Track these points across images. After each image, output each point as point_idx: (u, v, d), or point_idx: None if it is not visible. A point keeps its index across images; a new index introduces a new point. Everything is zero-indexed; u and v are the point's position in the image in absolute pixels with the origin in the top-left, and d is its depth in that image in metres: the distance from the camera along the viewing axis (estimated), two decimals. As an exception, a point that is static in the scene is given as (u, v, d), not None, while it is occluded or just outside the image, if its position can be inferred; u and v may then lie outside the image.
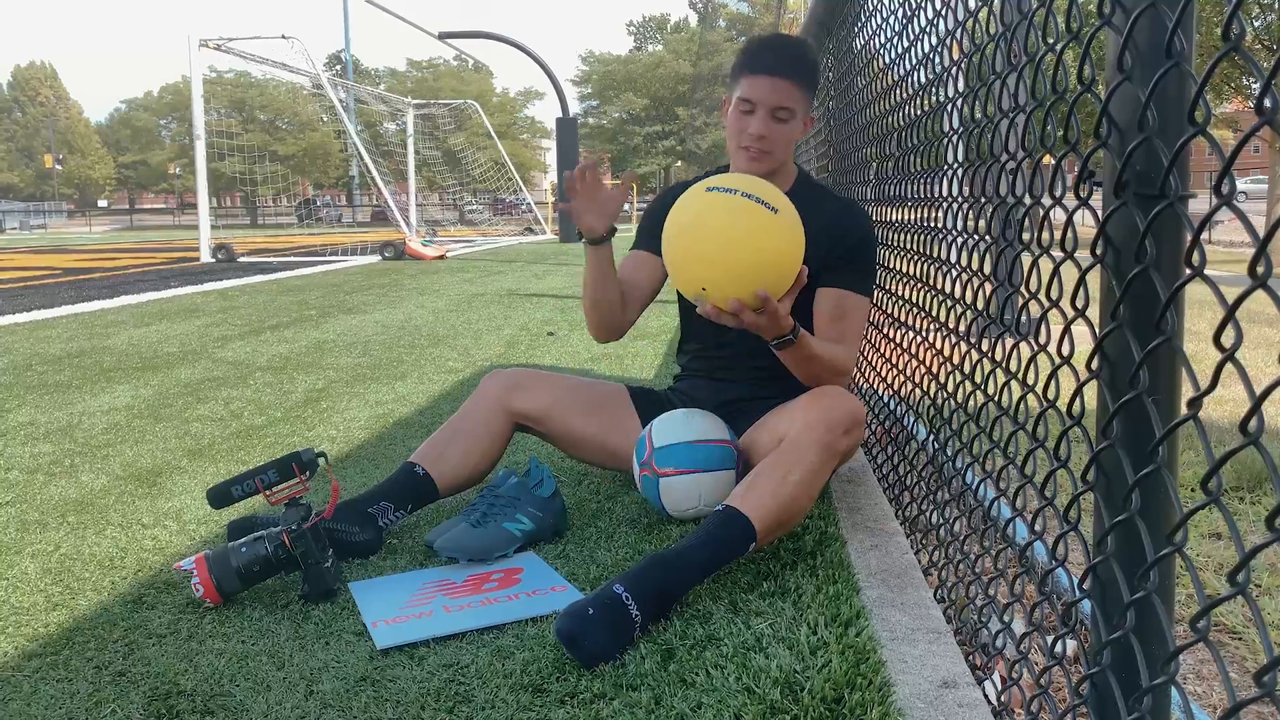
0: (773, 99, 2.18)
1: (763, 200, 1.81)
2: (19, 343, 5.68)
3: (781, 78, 2.18)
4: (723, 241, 1.81)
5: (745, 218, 1.80)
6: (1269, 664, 0.71)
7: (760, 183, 1.87)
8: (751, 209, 1.80)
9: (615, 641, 1.58)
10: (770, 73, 2.19)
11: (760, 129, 2.20)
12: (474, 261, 13.75)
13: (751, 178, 1.90)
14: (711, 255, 1.82)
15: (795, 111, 2.21)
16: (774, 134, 2.21)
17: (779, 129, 2.21)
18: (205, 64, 15.76)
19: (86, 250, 21.14)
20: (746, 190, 1.82)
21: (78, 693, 1.51)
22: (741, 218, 1.80)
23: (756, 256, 1.81)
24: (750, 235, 1.80)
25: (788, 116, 2.21)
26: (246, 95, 49.05)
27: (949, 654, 1.56)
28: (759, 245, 1.80)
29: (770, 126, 2.20)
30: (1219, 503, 0.80)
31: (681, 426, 2.22)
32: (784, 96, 2.18)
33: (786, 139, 2.24)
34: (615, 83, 54.86)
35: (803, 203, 2.32)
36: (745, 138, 2.22)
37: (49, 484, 2.72)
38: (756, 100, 2.19)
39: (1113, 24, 0.98)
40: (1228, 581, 0.76)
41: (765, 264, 1.81)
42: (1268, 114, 0.71)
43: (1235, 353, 0.76)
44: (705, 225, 1.83)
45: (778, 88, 2.18)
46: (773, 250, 1.82)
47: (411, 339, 5.62)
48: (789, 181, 2.36)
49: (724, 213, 1.81)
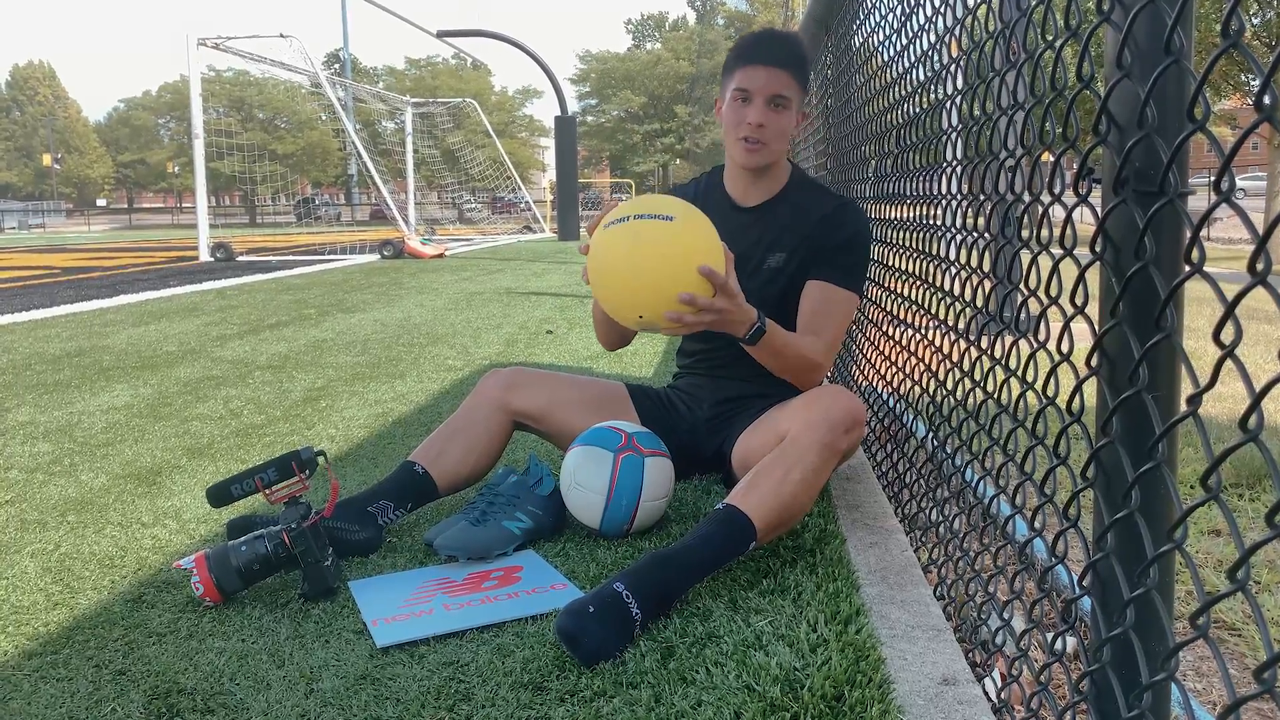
0: (769, 87, 2.20)
1: (654, 214, 1.86)
2: (18, 342, 5.68)
3: (777, 67, 2.20)
4: (630, 267, 1.87)
5: (643, 236, 1.86)
6: (1269, 660, 0.71)
7: (650, 200, 1.93)
8: (644, 226, 1.86)
9: (615, 639, 1.58)
10: (765, 62, 2.20)
11: (758, 117, 2.21)
12: (473, 260, 13.75)
13: (642, 199, 1.95)
14: (628, 283, 1.88)
15: (791, 101, 2.23)
16: (771, 122, 2.22)
17: (776, 118, 2.23)
18: (204, 63, 15.74)
19: (85, 249, 21.13)
20: (636, 213, 1.87)
21: (78, 691, 1.51)
22: (639, 238, 1.86)
23: (666, 265, 1.85)
24: (653, 249, 1.85)
25: (784, 105, 2.22)
26: (245, 94, 49.03)
27: (949, 651, 1.56)
28: (663, 254, 1.85)
29: (767, 115, 2.21)
30: (1219, 499, 0.80)
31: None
32: (780, 85, 2.20)
33: (782, 129, 2.25)
34: (614, 81, 54.84)
35: (798, 199, 2.33)
36: (744, 128, 2.23)
37: (48, 483, 2.71)
38: (753, 89, 2.21)
39: (1112, 21, 0.98)
40: (1227, 578, 0.76)
41: (678, 268, 1.85)
42: (1267, 110, 0.71)
43: (1235, 349, 0.76)
44: (611, 260, 1.89)
45: (774, 76, 2.20)
46: (680, 252, 1.86)
47: (410, 337, 5.62)
48: (784, 179, 2.36)
49: (622, 241, 1.87)
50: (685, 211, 1.89)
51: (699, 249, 1.87)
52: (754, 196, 2.36)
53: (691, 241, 1.87)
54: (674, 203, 1.91)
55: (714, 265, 1.86)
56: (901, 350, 2.37)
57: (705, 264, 1.84)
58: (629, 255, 1.86)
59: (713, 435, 2.41)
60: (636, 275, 1.86)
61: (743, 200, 2.37)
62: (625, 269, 1.87)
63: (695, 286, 1.84)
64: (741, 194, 2.38)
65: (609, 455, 2.15)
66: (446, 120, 27.33)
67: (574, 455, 2.19)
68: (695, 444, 2.42)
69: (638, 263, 1.86)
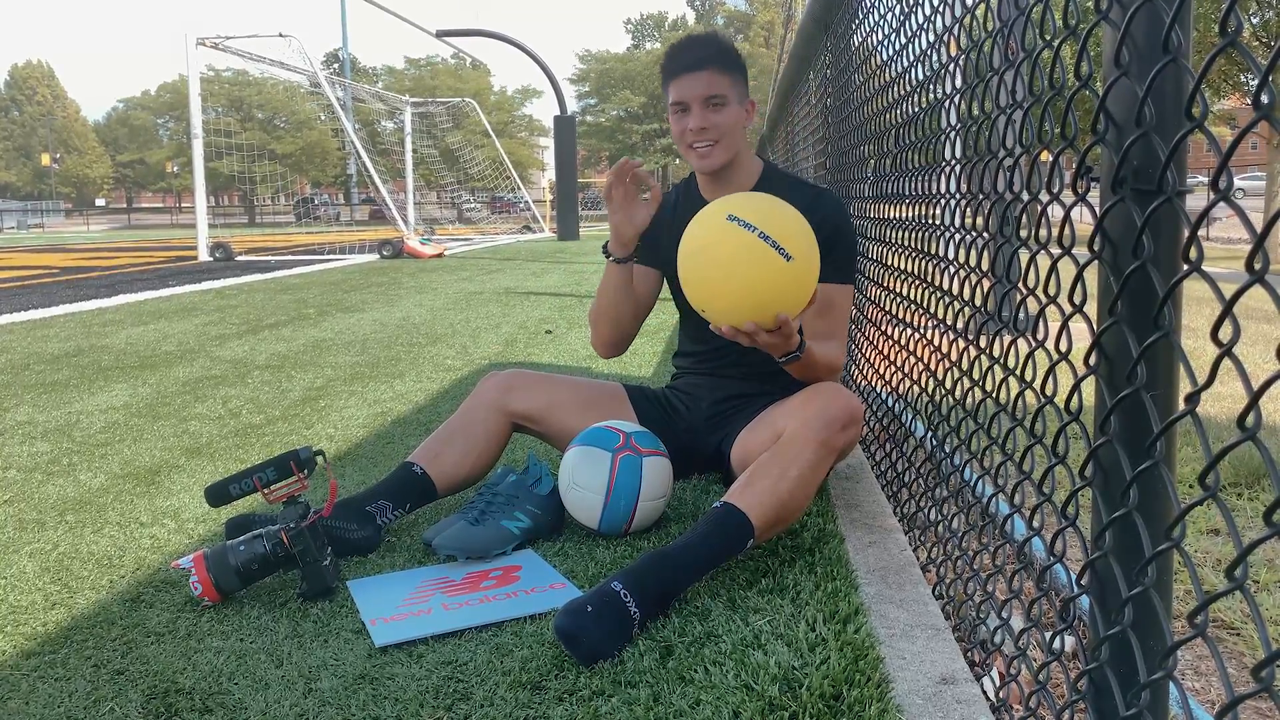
0: (700, 91, 2.22)
1: (778, 245, 1.78)
2: (17, 342, 5.68)
3: (702, 70, 2.22)
4: (726, 276, 1.82)
5: (755, 260, 1.79)
6: (1267, 659, 0.71)
7: (781, 218, 1.85)
8: (763, 252, 1.78)
9: (614, 639, 1.58)
10: (690, 69, 2.23)
11: (697, 122, 2.23)
12: (472, 260, 13.75)
13: (775, 210, 1.87)
14: (715, 287, 1.84)
15: (727, 97, 2.24)
16: (713, 123, 2.24)
17: (716, 117, 2.24)
18: (203, 62, 15.75)
19: (84, 249, 21.12)
20: (764, 230, 1.79)
21: (76, 691, 1.51)
22: (751, 260, 1.79)
23: (756, 299, 1.82)
24: (755, 279, 1.80)
25: (721, 102, 2.24)
26: (244, 94, 49.02)
27: (947, 650, 1.56)
28: (762, 288, 1.81)
29: (706, 117, 2.23)
30: (1217, 498, 0.80)
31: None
32: (710, 86, 2.22)
33: (729, 125, 2.26)
34: (613, 81, 54.80)
35: (772, 193, 2.33)
36: (688, 135, 2.26)
37: (47, 483, 2.71)
38: (687, 98, 2.23)
39: (1110, 19, 0.98)
40: (1225, 577, 0.76)
41: (763, 305, 1.83)
42: (1264, 109, 0.71)
43: (1233, 348, 0.76)
44: (714, 257, 1.83)
45: (700, 79, 2.22)
46: (775, 295, 1.83)
47: (409, 337, 5.62)
48: (754, 176, 2.37)
49: (734, 248, 1.80)
50: (803, 253, 1.83)
51: (797, 297, 1.85)
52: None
53: (794, 289, 1.84)
54: (799, 235, 1.84)
55: (792, 314, 1.86)
56: (900, 349, 2.37)
57: (784, 314, 1.84)
58: (730, 264, 1.81)
59: (711, 434, 2.41)
60: (727, 284, 1.82)
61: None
62: (721, 274, 1.82)
63: (766, 322, 1.84)
64: (714, 194, 2.37)
65: (607, 455, 2.15)
66: (446, 120, 27.35)
67: (572, 455, 2.19)
68: (694, 443, 2.42)
69: (737, 277, 1.81)
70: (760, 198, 1.92)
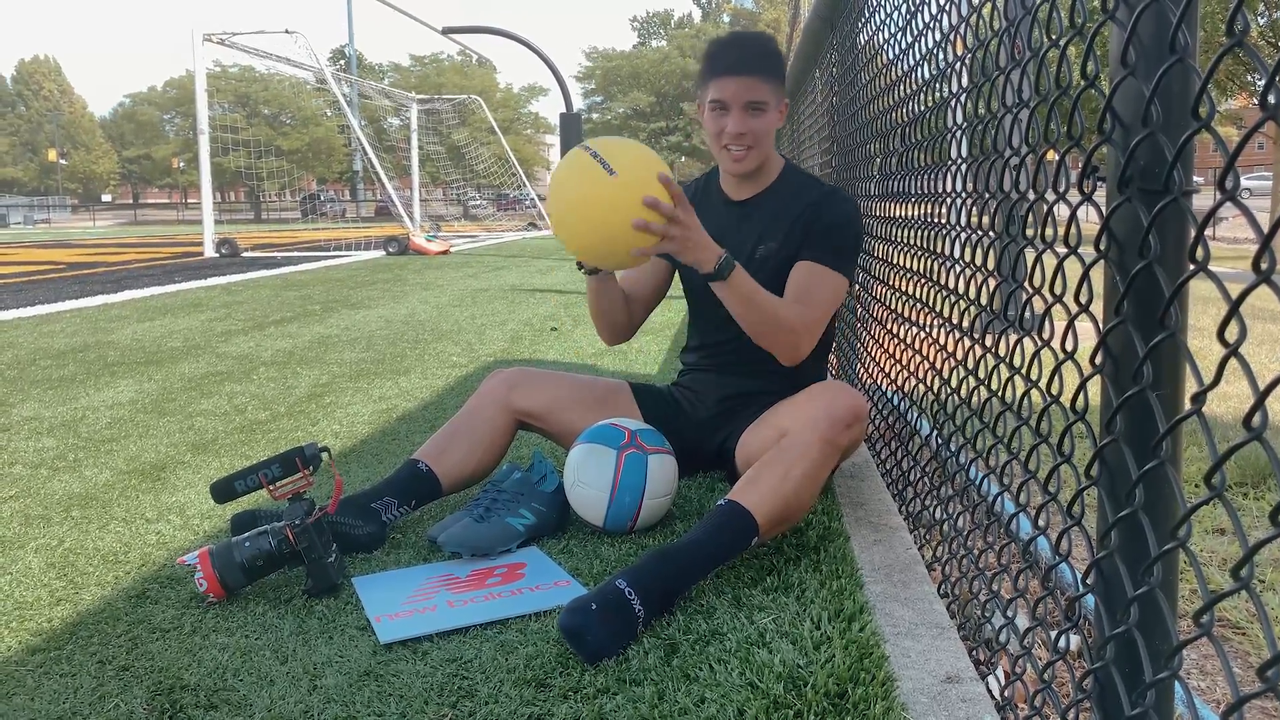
0: (743, 95, 2.21)
1: (605, 162, 1.87)
2: (23, 337, 5.69)
3: (747, 75, 2.21)
4: (560, 199, 1.92)
5: (589, 184, 1.89)
6: (1273, 659, 0.71)
7: (620, 145, 1.94)
8: (591, 168, 1.88)
9: (618, 637, 1.58)
10: (735, 72, 2.21)
11: (737, 126, 2.23)
12: (477, 257, 13.76)
13: (618, 142, 1.95)
14: (557, 212, 1.93)
15: (767, 103, 2.24)
16: (751, 128, 2.24)
17: (755, 122, 2.24)
18: (209, 59, 15.78)
19: (90, 245, 21.17)
20: (598, 150, 1.90)
21: (81, 687, 1.52)
22: (582, 178, 1.89)
23: (615, 213, 1.88)
24: (598, 193, 1.89)
25: (761, 109, 2.23)
26: (250, 90, 49.11)
27: (952, 649, 1.56)
28: (610, 200, 1.88)
29: (746, 122, 2.23)
30: (1223, 498, 0.80)
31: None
32: (753, 91, 2.21)
33: (764, 131, 2.26)
34: (620, 78, 54.81)
35: (790, 190, 2.35)
36: (725, 137, 2.26)
37: (53, 478, 2.72)
38: (728, 100, 2.22)
39: (1116, 19, 0.97)
40: (1231, 576, 0.76)
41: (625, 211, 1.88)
42: (1271, 109, 0.71)
43: (1239, 348, 0.76)
44: (559, 180, 1.94)
45: (745, 84, 2.21)
46: (626, 197, 1.87)
47: (415, 334, 5.63)
48: (775, 173, 2.38)
49: (570, 169, 1.91)
50: (625, 168, 1.89)
51: (642, 185, 1.89)
52: (747, 191, 2.38)
53: (633, 182, 1.88)
54: (620, 150, 1.91)
55: (666, 189, 1.88)
56: (906, 348, 2.37)
57: (649, 195, 1.86)
58: (584, 199, 1.90)
59: (716, 432, 2.41)
60: (562, 209, 1.92)
61: (736, 195, 2.40)
62: (563, 202, 1.92)
63: (657, 192, 1.88)
64: (735, 190, 2.40)
65: (612, 453, 2.15)
66: (452, 117, 27.33)
67: (577, 453, 2.20)
68: (699, 441, 2.42)
69: (589, 211, 1.90)
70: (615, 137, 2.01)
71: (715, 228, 2.07)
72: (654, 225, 1.86)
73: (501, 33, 21.88)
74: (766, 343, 2.17)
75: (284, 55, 16.38)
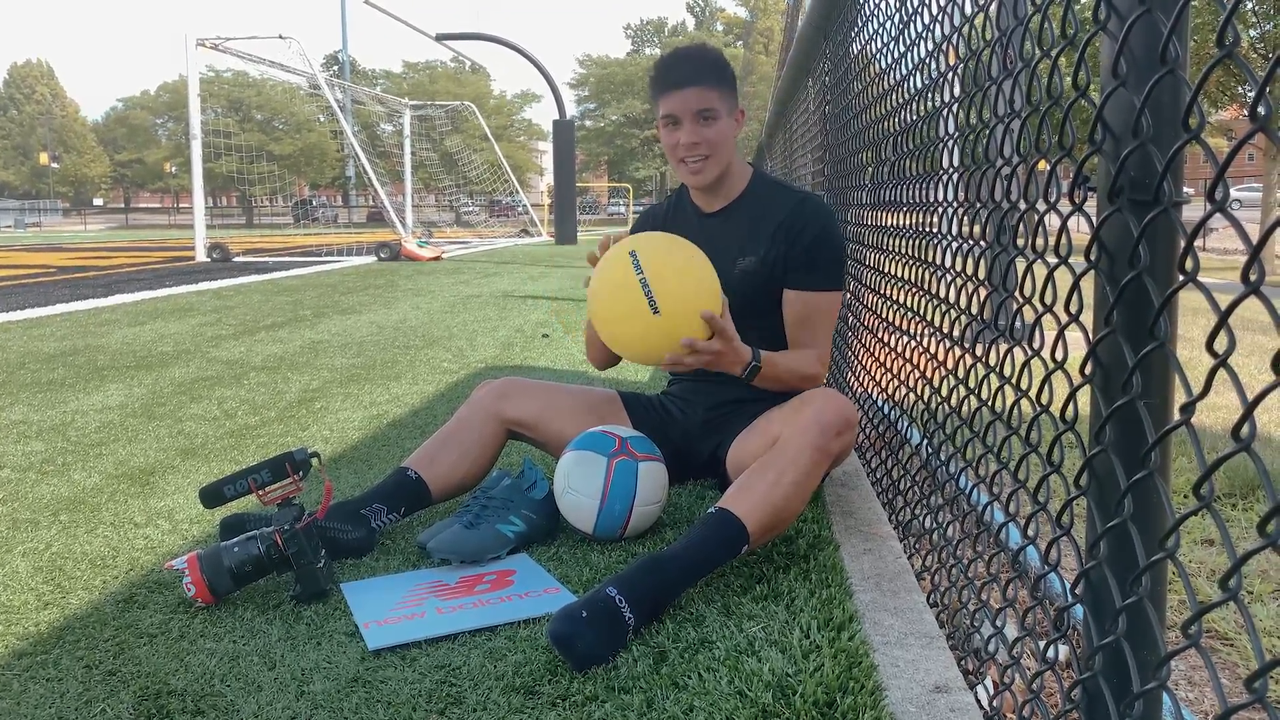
0: (692, 105, 2.22)
1: (651, 296, 1.90)
2: (12, 341, 5.67)
3: (692, 85, 2.22)
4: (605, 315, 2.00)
5: (628, 307, 1.93)
6: (1260, 669, 0.71)
7: (657, 245, 1.99)
8: (637, 300, 1.91)
9: (608, 644, 1.58)
10: (681, 85, 2.23)
11: (690, 136, 2.24)
12: (469, 263, 13.75)
13: (651, 241, 2.01)
14: (634, 329, 1.96)
15: (718, 111, 2.24)
16: (704, 137, 2.24)
17: (708, 131, 2.25)
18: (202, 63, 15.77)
19: (81, 249, 21.10)
20: (645, 261, 1.92)
21: (68, 692, 1.51)
22: (626, 304, 1.93)
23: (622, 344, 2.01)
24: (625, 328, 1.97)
25: (712, 116, 2.24)
26: (243, 95, 49.00)
27: (941, 659, 1.56)
28: (627, 339, 1.99)
29: (698, 131, 2.24)
30: (1211, 508, 0.80)
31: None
32: (701, 100, 2.22)
33: (720, 139, 2.27)
34: (613, 86, 54.88)
35: (760, 199, 2.35)
36: (680, 150, 2.27)
37: (41, 482, 2.71)
38: (678, 112, 2.24)
39: (1108, 30, 0.98)
40: (1219, 587, 0.76)
41: (631, 351, 2.02)
42: (1261, 121, 0.71)
43: (1228, 359, 0.76)
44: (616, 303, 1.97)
45: (691, 95, 2.22)
46: (683, 309, 1.93)
47: (406, 340, 5.62)
48: (743, 182, 2.38)
49: (631, 293, 1.92)
50: (678, 298, 1.93)
51: (685, 326, 1.93)
52: (718, 202, 2.39)
53: (676, 327, 1.93)
54: (670, 276, 1.94)
55: (713, 309, 1.94)
56: (897, 357, 2.37)
57: (707, 310, 1.93)
58: (623, 321, 1.96)
59: (707, 439, 2.41)
60: (628, 341, 1.99)
61: (708, 208, 2.40)
62: (620, 330, 1.98)
63: (696, 332, 1.93)
64: (706, 202, 2.40)
65: (602, 460, 2.15)
66: (445, 123, 27.37)
67: (567, 460, 2.19)
68: (689, 448, 2.42)
69: (626, 331, 1.97)
70: (670, 245, 2.02)
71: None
72: (686, 359, 1.96)
73: (495, 39, 21.92)
74: (788, 391, 2.23)
75: (277, 60, 16.37)
